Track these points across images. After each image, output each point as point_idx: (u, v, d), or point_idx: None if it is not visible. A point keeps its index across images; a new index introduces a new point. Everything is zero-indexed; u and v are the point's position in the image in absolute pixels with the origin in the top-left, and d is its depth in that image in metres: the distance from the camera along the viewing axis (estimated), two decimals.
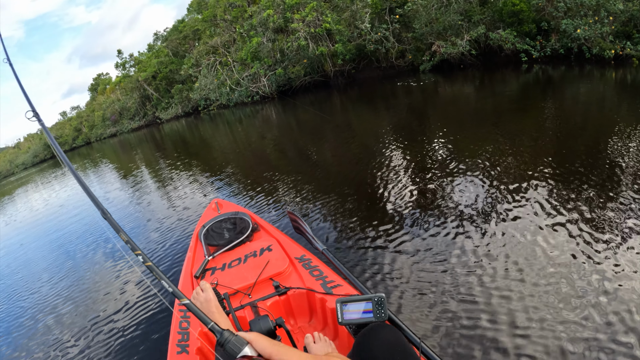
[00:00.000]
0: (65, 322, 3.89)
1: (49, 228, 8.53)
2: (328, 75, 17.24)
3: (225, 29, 22.19)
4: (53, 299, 4.58)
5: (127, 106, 34.24)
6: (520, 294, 2.51)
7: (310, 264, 2.43)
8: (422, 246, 3.36)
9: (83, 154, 30.95)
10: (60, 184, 16.50)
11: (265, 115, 15.81)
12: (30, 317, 4.31)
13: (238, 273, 2.44)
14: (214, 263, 2.67)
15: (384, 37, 14.64)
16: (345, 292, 2.10)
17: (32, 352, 3.59)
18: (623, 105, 6.08)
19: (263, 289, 2.29)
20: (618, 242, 2.76)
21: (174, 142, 17.08)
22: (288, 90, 18.50)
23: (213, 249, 2.85)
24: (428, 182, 4.66)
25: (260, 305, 2.14)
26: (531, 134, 5.36)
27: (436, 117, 8.12)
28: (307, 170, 6.70)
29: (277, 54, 17.56)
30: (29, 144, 52.08)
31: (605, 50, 9.00)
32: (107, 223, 1.77)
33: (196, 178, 8.34)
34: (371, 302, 1.60)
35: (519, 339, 2.19)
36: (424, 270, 3.01)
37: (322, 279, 2.26)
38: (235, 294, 2.26)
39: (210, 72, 21.22)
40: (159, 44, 34.60)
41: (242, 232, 2.99)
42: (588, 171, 3.88)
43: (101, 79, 43.49)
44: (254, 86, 18.88)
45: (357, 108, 11.90)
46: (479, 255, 3.03)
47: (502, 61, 11.96)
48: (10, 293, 5.34)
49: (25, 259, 6.83)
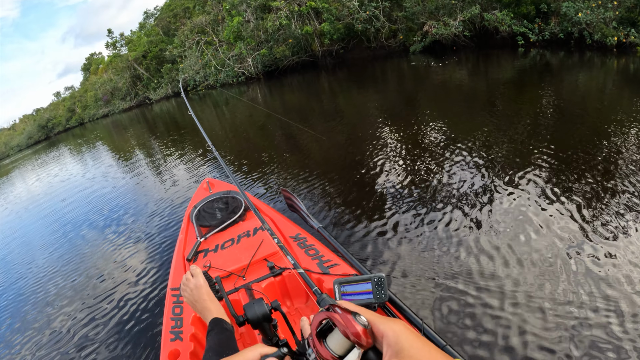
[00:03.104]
0: (54, 313, 3.86)
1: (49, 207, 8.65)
2: (316, 55, 16.39)
3: (213, 7, 21.21)
4: (46, 283, 4.65)
5: (119, 86, 33.46)
6: (517, 275, 2.54)
7: (306, 243, 2.36)
8: (420, 226, 3.34)
9: (77, 134, 30.91)
10: (58, 163, 16.27)
11: (251, 96, 15.18)
12: (27, 296, 4.47)
13: (231, 254, 2.36)
14: (207, 244, 2.59)
15: (374, 16, 13.70)
16: (342, 272, 2.03)
17: (28, 325, 3.78)
18: (624, 96, 5.68)
19: (257, 270, 2.21)
20: (614, 227, 2.77)
21: (165, 123, 16.84)
22: (275, 71, 17.72)
23: (205, 230, 2.77)
24: (421, 164, 4.62)
25: (254, 288, 2.06)
26: (526, 120, 5.17)
27: (427, 101, 7.81)
28: (299, 149, 6.63)
29: (261, 33, 16.68)
30: (24, 125, 51.48)
31: (608, 37, 8.34)
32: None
33: (188, 157, 8.29)
34: (370, 283, 1.53)
35: (517, 318, 2.23)
36: (424, 250, 3.00)
37: (318, 258, 2.18)
38: (229, 276, 2.20)
39: (195, 53, 20.34)
40: (151, 22, 33.59)
41: (234, 212, 2.91)
42: (584, 159, 3.80)
43: (94, 58, 42.42)
44: (240, 67, 18.05)
45: (345, 90, 11.36)
46: (478, 236, 3.02)
47: (497, 44, 11.25)
48: (9, 269, 5.66)
49: (24, 240, 7.00)
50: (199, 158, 7.94)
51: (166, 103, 25.37)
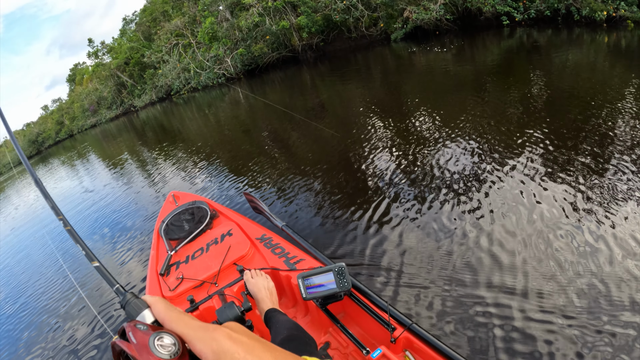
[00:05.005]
0: (25, 338, 3.80)
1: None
2: (296, 50, 15.80)
3: (190, 8, 20.57)
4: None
5: (104, 95, 32.89)
6: (486, 244, 2.65)
7: (272, 242, 2.41)
8: (383, 213, 3.39)
9: (67, 146, 30.65)
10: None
11: (232, 98, 14.70)
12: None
13: (202, 263, 2.38)
14: (177, 257, 2.59)
15: (352, 5, 13.09)
16: (308, 266, 2.05)
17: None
18: (615, 72, 5.41)
19: (228, 276, 2.23)
20: (605, 206, 2.73)
21: (152, 129, 16.42)
22: (255, 69, 17.12)
23: (175, 243, 2.79)
24: (399, 152, 4.57)
25: (227, 293, 2.05)
26: (515, 102, 5.01)
27: (411, 88, 7.59)
28: (264, 151, 6.63)
29: (237, 32, 16.09)
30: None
31: (597, 12, 7.95)
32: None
33: (155, 172, 8.22)
34: (332, 273, 1.58)
35: (488, 292, 2.29)
36: (386, 236, 3.07)
37: (284, 256, 2.24)
38: (202, 285, 2.21)
39: (174, 57, 19.75)
40: (131, 27, 32.86)
41: (200, 221, 2.93)
42: (575, 139, 3.67)
43: (78, 69, 41.67)
44: (219, 67, 17.48)
45: (328, 84, 10.94)
46: (438, 217, 3.09)
47: (481, 25, 10.81)
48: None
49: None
50: (165, 171, 7.86)
51: (152, 109, 24.85)
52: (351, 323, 1.89)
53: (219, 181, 5.81)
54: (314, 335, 1.86)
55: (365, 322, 1.78)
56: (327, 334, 1.94)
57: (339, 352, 1.83)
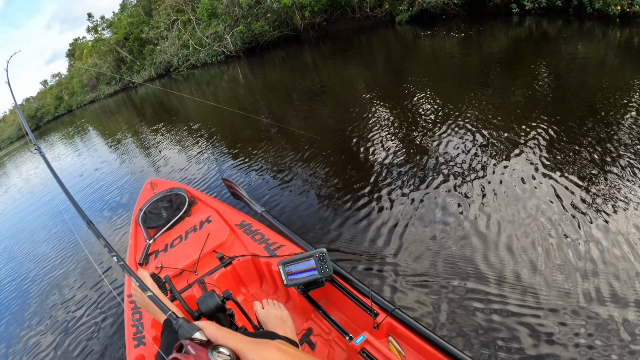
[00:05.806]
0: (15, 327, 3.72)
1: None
2: (298, 29, 15.36)
3: None
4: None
5: (103, 71, 32.38)
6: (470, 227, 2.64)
7: (251, 229, 2.37)
8: (367, 198, 3.32)
9: (66, 121, 30.41)
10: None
11: (231, 76, 14.34)
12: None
13: (181, 251, 2.35)
14: (156, 246, 2.56)
15: None
16: (289, 252, 2.04)
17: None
18: (626, 70, 5.16)
19: (208, 263, 2.22)
20: (607, 198, 2.67)
21: (152, 106, 16.30)
22: (255, 47, 16.71)
23: (153, 232, 2.75)
24: (396, 137, 4.47)
25: (207, 281, 2.05)
26: (521, 92, 4.89)
27: (415, 73, 7.36)
28: (244, 135, 6.50)
29: (237, 9, 15.62)
30: (14, 117, 50.40)
31: (610, 6, 7.54)
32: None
33: (137, 157, 8.04)
34: (313, 259, 1.55)
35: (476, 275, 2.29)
36: (369, 221, 3.00)
37: (264, 242, 2.21)
38: (181, 274, 2.19)
39: (173, 33, 19.28)
40: (132, 2, 32.12)
41: (179, 209, 2.89)
42: (581, 132, 3.58)
43: (77, 43, 40.86)
44: (218, 45, 17.06)
45: (330, 66, 10.63)
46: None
47: (490, 12, 10.43)
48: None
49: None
50: (146, 156, 7.75)
51: (151, 85, 24.48)
52: (333, 309, 1.89)
53: (198, 166, 5.68)
54: (296, 322, 1.86)
55: (347, 308, 1.77)
56: (309, 320, 1.93)
57: (321, 338, 1.82)
